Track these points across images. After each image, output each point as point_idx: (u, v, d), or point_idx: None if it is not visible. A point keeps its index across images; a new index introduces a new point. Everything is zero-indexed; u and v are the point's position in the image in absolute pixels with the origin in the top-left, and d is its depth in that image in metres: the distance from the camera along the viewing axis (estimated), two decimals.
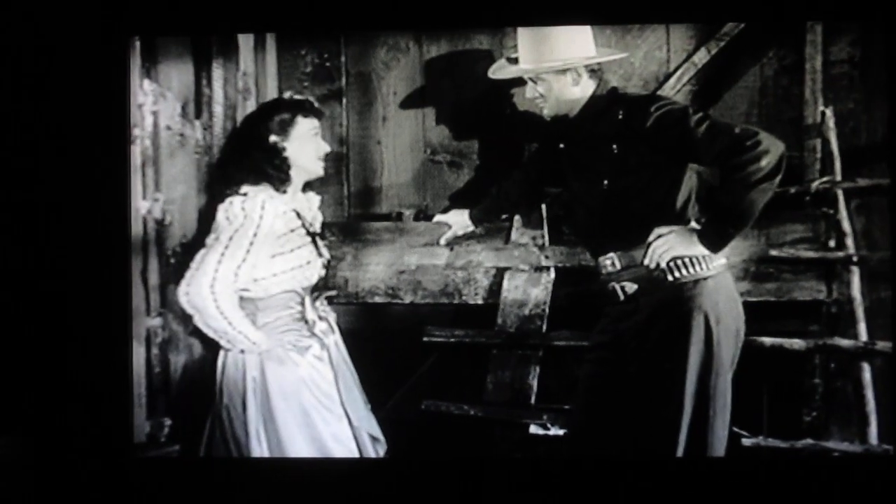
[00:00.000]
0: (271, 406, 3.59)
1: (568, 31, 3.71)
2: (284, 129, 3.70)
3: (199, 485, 3.82)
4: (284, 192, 3.67)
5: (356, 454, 3.73)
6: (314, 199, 3.88)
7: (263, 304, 3.62)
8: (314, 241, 3.75)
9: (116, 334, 3.82)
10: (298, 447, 3.61)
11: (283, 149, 3.69)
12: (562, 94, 3.70)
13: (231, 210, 3.57)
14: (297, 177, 3.75)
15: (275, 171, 3.66)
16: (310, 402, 3.64)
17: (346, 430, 3.71)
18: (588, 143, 3.68)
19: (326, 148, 3.83)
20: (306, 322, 3.69)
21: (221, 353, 3.65)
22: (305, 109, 3.77)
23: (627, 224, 3.61)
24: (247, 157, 3.69)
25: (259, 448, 3.59)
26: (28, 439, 3.82)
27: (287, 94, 3.97)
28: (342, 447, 3.69)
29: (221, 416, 3.64)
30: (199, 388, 3.81)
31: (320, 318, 3.75)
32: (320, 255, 3.77)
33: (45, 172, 3.87)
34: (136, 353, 3.84)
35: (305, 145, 3.74)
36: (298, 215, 3.71)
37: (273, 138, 3.68)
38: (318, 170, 3.80)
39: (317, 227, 3.84)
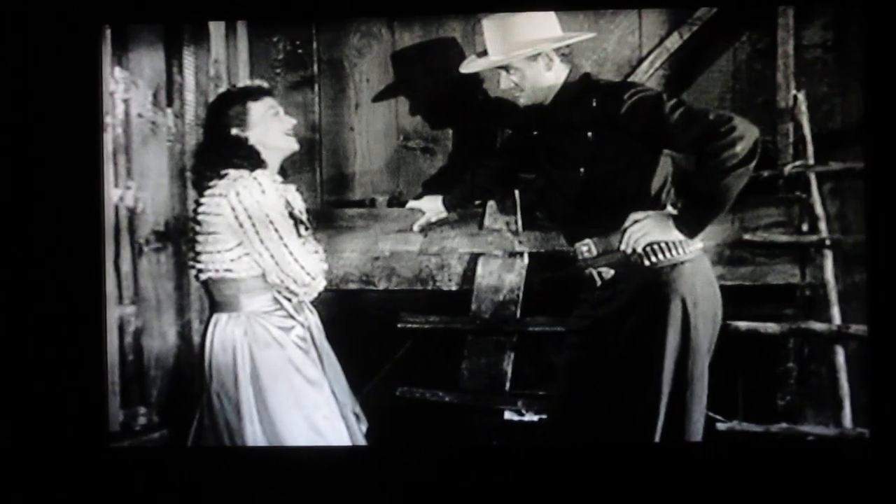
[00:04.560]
0: (263, 388, 3.58)
1: (532, 16, 3.70)
2: (241, 118, 3.69)
3: (175, 472, 3.81)
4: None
5: (345, 432, 3.72)
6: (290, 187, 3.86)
7: (246, 285, 3.61)
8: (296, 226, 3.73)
9: (89, 322, 3.80)
10: (291, 427, 3.60)
11: (246, 139, 3.67)
12: (536, 81, 3.68)
13: (224, 203, 3.56)
14: (271, 158, 3.72)
15: (244, 160, 3.63)
16: (299, 382, 3.64)
17: (335, 409, 3.71)
18: (563, 130, 3.67)
19: (292, 121, 3.79)
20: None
21: (208, 338, 3.63)
22: (252, 94, 3.75)
23: (603, 210, 3.61)
24: (216, 153, 3.67)
25: (252, 431, 3.57)
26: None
27: (230, 85, 3.99)
28: (331, 425, 3.69)
29: (212, 402, 3.62)
30: (179, 374, 3.80)
31: (299, 301, 3.74)
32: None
33: (17, 161, 3.83)
34: (109, 342, 3.82)
35: (267, 127, 3.72)
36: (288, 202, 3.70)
37: (234, 130, 3.67)
38: (290, 145, 3.77)
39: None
